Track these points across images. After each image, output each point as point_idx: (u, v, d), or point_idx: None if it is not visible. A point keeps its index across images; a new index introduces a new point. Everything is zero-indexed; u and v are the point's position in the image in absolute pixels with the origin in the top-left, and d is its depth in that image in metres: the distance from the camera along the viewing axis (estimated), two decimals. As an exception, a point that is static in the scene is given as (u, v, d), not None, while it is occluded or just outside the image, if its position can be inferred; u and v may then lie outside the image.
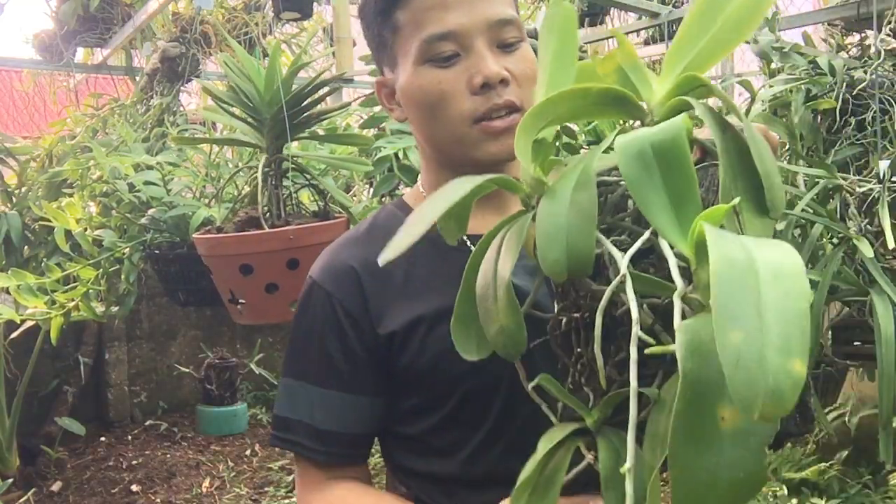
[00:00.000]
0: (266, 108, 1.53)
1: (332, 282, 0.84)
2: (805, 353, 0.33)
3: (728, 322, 0.34)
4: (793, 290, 0.35)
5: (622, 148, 0.47)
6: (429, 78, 0.79)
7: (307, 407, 0.83)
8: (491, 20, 0.78)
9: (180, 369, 4.18)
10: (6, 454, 3.21)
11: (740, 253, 0.37)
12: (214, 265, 1.55)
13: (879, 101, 1.50)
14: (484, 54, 0.77)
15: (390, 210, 0.91)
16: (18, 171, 2.63)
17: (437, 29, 0.77)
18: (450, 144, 0.81)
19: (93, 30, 3.18)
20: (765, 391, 0.32)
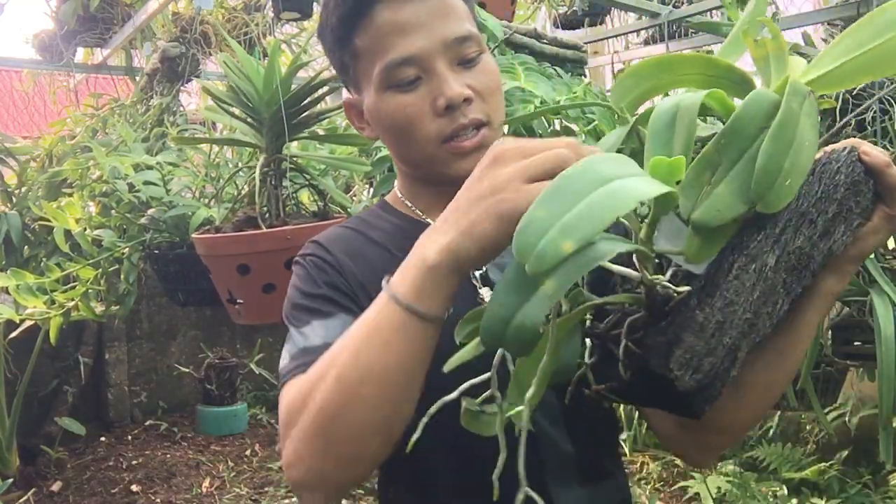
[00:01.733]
0: (265, 107, 1.53)
1: (315, 251, 0.88)
2: (580, 242, 0.42)
3: (543, 202, 0.44)
4: (612, 204, 0.43)
5: (660, 104, 0.54)
6: (393, 103, 0.80)
7: (305, 337, 0.80)
8: (448, 39, 0.79)
9: (180, 369, 4.18)
10: (6, 454, 3.21)
11: (605, 170, 0.45)
12: (213, 265, 1.55)
13: (879, 101, 1.50)
14: (445, 76, 0.78)
15: (375, 210, 0.94)
16: (18, 171, 2.64)
17: (397, 55, 0.78)
18: (422, 164, 0.83)
19: (93, 30, 3.18)
20: (535, 252, 0.42)
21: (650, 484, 3.17)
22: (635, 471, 3.30)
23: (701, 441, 0.82)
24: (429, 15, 0.79)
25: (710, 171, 0.50)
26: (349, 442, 0.63)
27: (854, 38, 0.54)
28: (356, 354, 0.62)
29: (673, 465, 3.26)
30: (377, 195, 1.86)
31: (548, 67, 1.74)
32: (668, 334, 0.49)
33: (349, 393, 0.61)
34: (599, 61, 3.59)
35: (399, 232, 0.87)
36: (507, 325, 0.47)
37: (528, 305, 0.47)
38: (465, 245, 0.56)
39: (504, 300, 0.47)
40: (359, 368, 0.61)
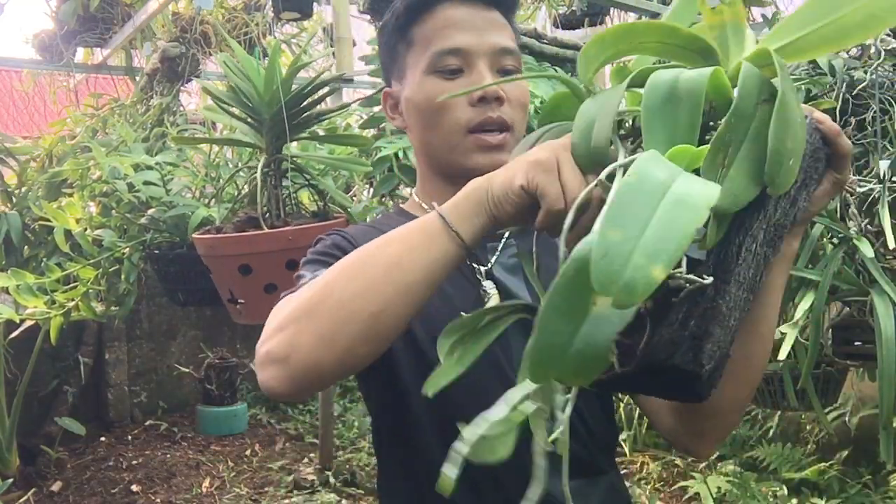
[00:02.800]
0: (265, 108, 1.53)
1: (332, 234, 0.91)
2: (669, 265, 0.38)
3: (614, 221, 0.40)
4: (686, 216, 0.40)
5: (655, 76, 0.52)
6: (433, 87, 0.86)
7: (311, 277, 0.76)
8: (496, 47, 0.87)
9: (180, 369, 4.18)
10: (6, 454, 3.21)
11: (660, 175, 0.42)
12: (214, 265, 1.55)
13: (879, 101, 1.50)
14: (484, 73, 0.86)
15: (390, 214, 1.00)
16: (18, 171, 2.63)
17: (447, 44, 0.86)
18: (443, 152, 0.88)
19: (93, 30, 3.18)
20: (622, 282, 0.38)
21: (650, 484, 3.17)
22: (635, 471, 3.30)
23: (696, 429, 0.84)
24: (484, 21, 0.88)
25: (723, 153, 0.50)
26: (334, 319, 0.63)
27: (815, 9, 0.54)
28: (379, 241, 0.66)
29: (673, 465, 3.26)
30: (377, 195, 1.86)
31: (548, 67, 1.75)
32: (691, 328, 0.48)
33: (358, 268, 0.64)
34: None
35: None
36: (563, 355, 0.43)
37: (586, 330, 0.43)
38: (496, 187, 0.62)
39: (555, 328, 0.43)
40: (375, 248, 0.65)
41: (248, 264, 1.45)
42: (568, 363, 0.43)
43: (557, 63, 1.88)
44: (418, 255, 0.63)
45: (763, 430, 3.24)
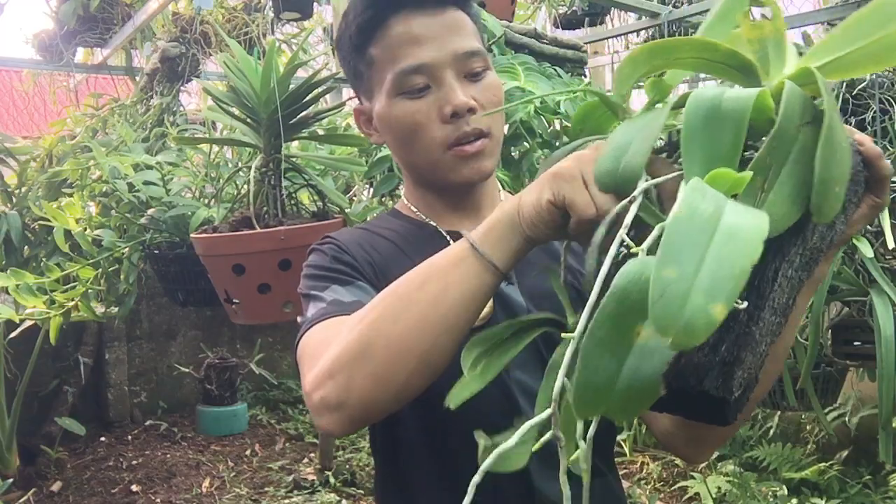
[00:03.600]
0: (262, 107, 1.53)
1: (327, 241, 0.90)
2: (729, 303, 0.37)
3: (668, 259, 0.39)
4: (741, 251, 0.38)
5: (698, 94, 0.50)
6: (403, 109, 0.84)
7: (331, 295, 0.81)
8: (458, 53, 0.84)
9: (180, 369, 4.18)
10: (6, 454, 3.21)
11: (709, 207, 0.41)
12: (210, 265, 1.55)
13: (879, 101, 1.50)
14: (453, 86, 0.83)
15: (384, 216, 0.99)
16: (18, 171, 2.63)
17: (410, 63, 0.83)
18: (426, 168, 0.88)
19: (93, 30, 3.18)
20: (682, 323, 0.36)
21: (650, 484, 3.17)
22: (635, 471, 3.30)
23: (695, 436, 0.84)
24: (441, 28, 0.84)
25: (762, 176, 0.48)
26: (387, 360, 0.64)
27: (858, 28, 0.52)
28: (414, 277, 0.66)
29: (673, 465, 3.26)
30: (377, 195, 1.86)
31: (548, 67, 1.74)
32: (721, 353, 0.47)
33: (401, 309, 0.65)
34: (599, 61, 3.59)
35: (406, 231, 0.92)
36: (610, 392, 0.41)
37: (632, 364, 0.41)
38: (525, 207, 0.61)
39: (599, 363, 0.41)
40: (415, 287, 0.65)
41: (241, 264, 1.45)
42: (616, 399, 0.42)
43: (557, 63, 1.87)
44: (458, 291, 0.64)
45: (763, 430, 3.24)
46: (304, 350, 0.75)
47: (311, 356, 0.71)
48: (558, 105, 1.53)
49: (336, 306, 0.78)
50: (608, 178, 0.54)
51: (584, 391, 0.42)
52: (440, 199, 0.91)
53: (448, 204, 0.91)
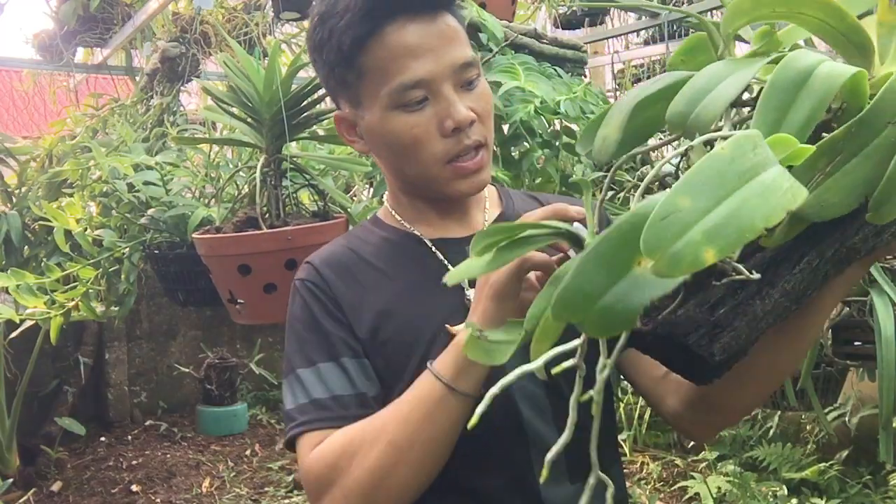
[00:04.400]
0: (265, 108, 1.53)
1: (305, 274, 0.90)
2: (723, 253, 0.36)
3: (688, 189, 0.38)
4: (763, 209, 0.37)
5: (795, 56, 0.48)
6: (400, 123, 0.82)
7: (320, 384, 0.83)
8: (456, 64, 0.82)
9: (180, 369, 4.18)
10: (6, 454, 3.21)
11: (754, 158, 0.39)
12: (213, 265, 1.55)
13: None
14: (452, 99, 0.81)
15: (367, 226, 0.97)
16: (18, 171, 2.63)
17: (407, 78, 0.80)
18: (421, 182, 0.86)
19: (93, 30, 3.18)
20: (670, 252, 0.36)
21: (650, 484, 3.17)
22: (635, 471, 3.30)
23: (703, 420, 0.85)
24: (438, 39, 0.81)
25: (829, 158, 0.46)
26: (393, 500, 0.75)
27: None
28: (405, 424, 0.74)
29: (673, 465, 3.26)
30: (377, 195, 1.86)
31: (548, 67, 1.74)
32: (717, 315, 0.47)
33: (399, 457, 0.74)
34: (599, 61, 3.59)
35: (387, 245, 0.91)
36: (591, 304, 0.41)
37: (621, 287, 0.40)
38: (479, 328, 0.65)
39: (591, 275, 0.41)
40: (408, 436, 0.74)
41: (247, 264, 1.45)
42: (594, 313, 0.41)
43: (557, 63, 1.87)
44: (446, 426, 0.74)
45: (763, 430, 3.24)
46: (310, 470, 0.79)
47: (321, 482, 0.78)
48: (558, 105, 1.53)
49: (318, 409, 0.81)
50: (678, 119, 0.51)
51: (568, 294, 0.41)
52: (430, 208, 0.90)
53: (438, 212, 0.91)
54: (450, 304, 0.84)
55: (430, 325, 0.84)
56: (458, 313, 0.82)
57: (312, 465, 0.78)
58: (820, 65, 0.47)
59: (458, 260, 0.85)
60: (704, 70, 0.52)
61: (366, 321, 0.85)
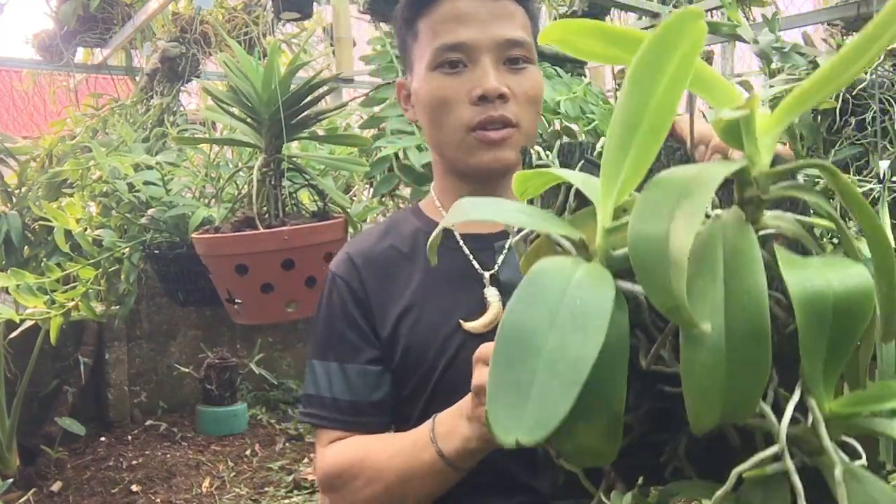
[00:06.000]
0: (264, 107, 1.53)
1: (341, 269, 0.93)
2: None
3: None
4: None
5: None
6: (436, 83, 0.86)
7: (326, 382, 0.90)
8: (499, 39, 0.84)
9: (180, 369, 4.18)
10: (6, 454, 3.21)
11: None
12: (212, 265, 1.55)
13: (879, 101, 1.50)
14: (487, 69, 0.84)
15: (405, 214, 0.99)
16: (18, 171, 2.63)
17: (450, 39, 0.84)
18: (450, 149, 0.88)
19: (93, 30, 3.18)
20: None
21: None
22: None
23: None
24: (488, 13, 0.85)
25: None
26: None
27: None
28: (402, 479, 0.80)
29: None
30: (377, 195, 1.86)
31: (548, 67, 1.74)
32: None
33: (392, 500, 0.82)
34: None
35: (420, 236, 0.93)
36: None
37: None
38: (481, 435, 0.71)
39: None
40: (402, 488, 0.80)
41: (244, 264, 1.45)
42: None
43: (557, 63, 1.88)
44: (441, 486, 0.79)
45: (763, 430, 3.24)
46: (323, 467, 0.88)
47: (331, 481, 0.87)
48: (558, 105, 1.54)
49: (323, 408, 0.90)
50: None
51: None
52: (464, 188, 0.89)
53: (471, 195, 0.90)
54: (470, 300, 0.85)
55: (448, 321, 0.85)
56: (477, 310, 0.84)
57: (325, 466, 0.87)
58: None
59: (484, 256, 0.88)
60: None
61: (391, 315, 0.88)
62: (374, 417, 0.89)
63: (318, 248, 1.49)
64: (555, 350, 0.35)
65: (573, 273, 0.38)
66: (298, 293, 1.48)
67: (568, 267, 0.39)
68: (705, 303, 0.36)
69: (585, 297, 0.37)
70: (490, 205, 0.47)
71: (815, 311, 0.37)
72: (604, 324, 0.36)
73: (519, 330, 0.37)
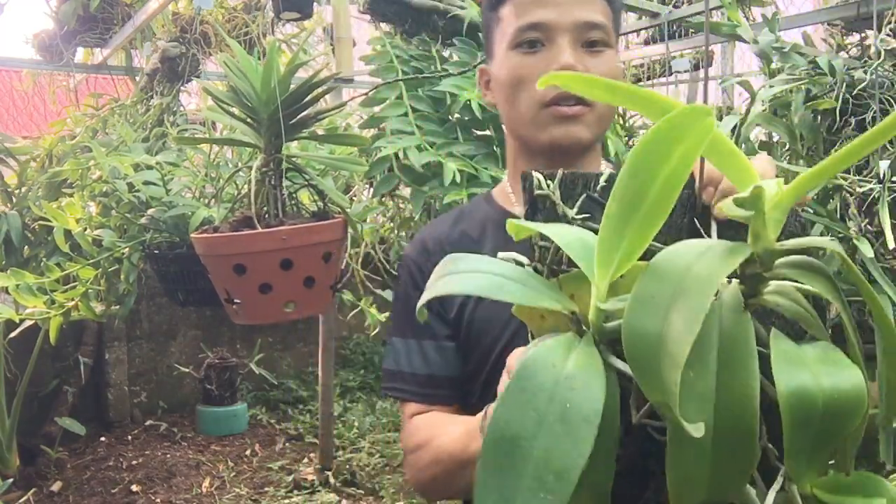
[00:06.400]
0: (263, 107, 1.53)
1: (414, 252, 1.00)
2: None
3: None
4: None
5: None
6: (514, 62, 0.89)
7: (406, 358, 0.97)
8: (578, 21, 0.87)
9: (180, 369, 4.18)
10: (6, 454, 3.21)
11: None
12: (211, 265, 1.55)
13: (879, 101, 1.49)
14: (564, 48, 0.87)
15: (478, 200, 1.04)
16: (18, 171, 2.63)
17: (530, 19, 0.88)
18: (524, 126, 0.91)
19: (93, 30, 3.18)
20: None
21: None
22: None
23: None
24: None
25: None
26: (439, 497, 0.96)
27: None
28: (459, 467, 0.84)
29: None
30: (377, 195, 1.86)
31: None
32: None
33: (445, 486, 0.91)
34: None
35: (489, 224, 0.97)
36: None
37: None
38: None
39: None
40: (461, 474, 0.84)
41: (242, 264, 1.45)
42: None
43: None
44: None
45: (763, 430, 3.24)
46: (404, 435, 0.98)
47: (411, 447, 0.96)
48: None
49: (414, 385, 0.97)
50: None
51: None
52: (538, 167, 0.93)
53: None
54: None
55: (506, 308, 0.87)
56: None
57: (405, 439, 0.97)
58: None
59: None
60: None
61: (456, 299, 0.93)
62: (451, 391, 0.95)
63: (316, 248, 1.49)
64: (542, 458, 0.34)
65: (563, 368, 0.37)
66: (297, 293, 1.48)
67: (558, 361, 0.38)
68: (695, 396, 0.35)
69: (575, 400, 0.36)
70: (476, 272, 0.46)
71: (802, 411, 0.37)
72: (593, 430, 0.35)
73: (507, 434, 0.36)
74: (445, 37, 1.96)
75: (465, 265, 0.47)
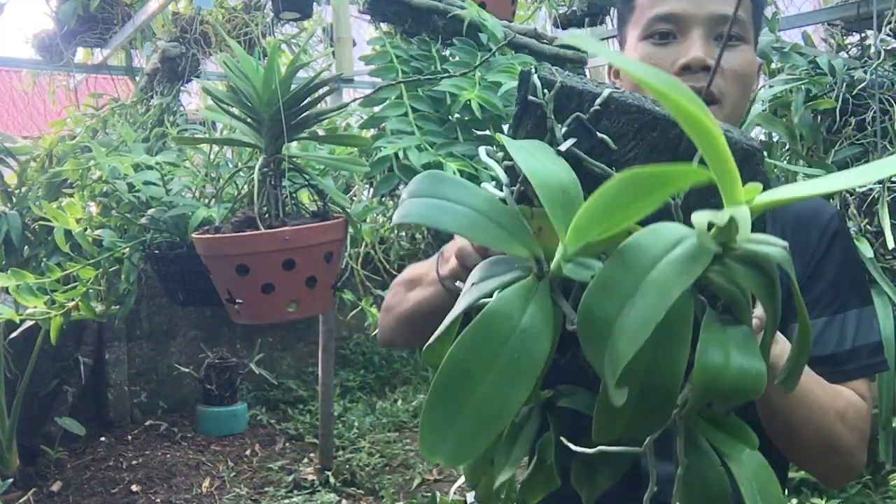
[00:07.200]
0: (264, 108, 1.53)
1: None
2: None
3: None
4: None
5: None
6: (643, 52, 0.86)
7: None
8: (714, 14, 0.84)
9: (180, 369, 4.18)
10: (6, 454, 3.21)
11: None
12: (212, 265, 1.55)
13: (879, 101, 1.50)
14: (695, 41, 0.83)
15: None
16: (18, 171, 2.63)
17: (661, 10, 0.85)
18: None
19: (93, 30, 3.18)
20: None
21: (650, 484, 3.16)
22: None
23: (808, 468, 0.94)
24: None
25: None
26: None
27: None
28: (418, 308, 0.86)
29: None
30: (377, 195, 1.86)
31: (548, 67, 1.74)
32: None
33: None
34: (599, 61, 3.58)
35: None
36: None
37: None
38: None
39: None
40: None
41: (245, 264, 1.45)
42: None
43: (557, 63, 1.88)
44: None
45: (763, 430, 3.24)
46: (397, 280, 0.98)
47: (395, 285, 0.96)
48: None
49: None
50: None
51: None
52: None
53: None
54: None
55: None
56: None
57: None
58: None
59: None
60: None
61: None
62: None
63: (318, 248, 1.49)
64: (486, 394, 0.40)
65: (519, 322, 0.42)
66: (299, 293, 1.48)
67: (516, 313, 0.42)
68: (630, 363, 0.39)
69: (524, 352, 0.41)
70: (460, 203, 0.48)
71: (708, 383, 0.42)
72: (534, 379, 0.41)
73: (460, 369, 0.41)
74: (445, 37, 1.96)
75: (453, 192, 0.49)
